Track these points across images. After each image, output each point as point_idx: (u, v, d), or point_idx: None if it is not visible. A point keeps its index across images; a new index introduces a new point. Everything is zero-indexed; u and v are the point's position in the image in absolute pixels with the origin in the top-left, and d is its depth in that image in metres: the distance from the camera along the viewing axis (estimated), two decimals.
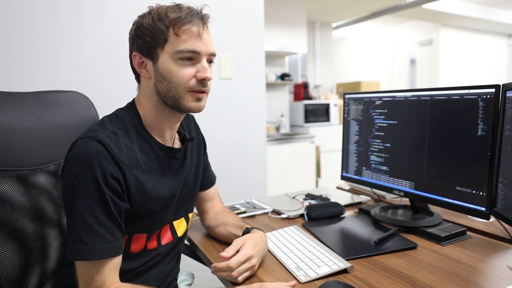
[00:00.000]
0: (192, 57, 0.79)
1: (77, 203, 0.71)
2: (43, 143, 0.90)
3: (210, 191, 1.09)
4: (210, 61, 0.83)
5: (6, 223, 0.79)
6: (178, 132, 0.94)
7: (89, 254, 0.70)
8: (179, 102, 0.80)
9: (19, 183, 0.83)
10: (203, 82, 0.80)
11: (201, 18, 0.80)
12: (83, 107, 1.02)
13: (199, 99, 0.82)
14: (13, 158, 0.82)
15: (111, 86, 1.53)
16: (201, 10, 0.82)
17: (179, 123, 0.90)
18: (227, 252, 0.79)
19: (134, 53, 0.82)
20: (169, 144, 0.88)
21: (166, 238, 0.91)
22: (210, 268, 0.81)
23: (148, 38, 0.79)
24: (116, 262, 0.74)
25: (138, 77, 0.86)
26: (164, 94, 0.80)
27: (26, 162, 0.85)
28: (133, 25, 0.82)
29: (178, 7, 0.80)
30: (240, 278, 0.78)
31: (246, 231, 0.93)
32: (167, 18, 0.78)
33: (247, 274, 0.80)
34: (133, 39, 0.82)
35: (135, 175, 0.78)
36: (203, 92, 0.82)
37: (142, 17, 0.81)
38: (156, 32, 0.78)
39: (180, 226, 0.95)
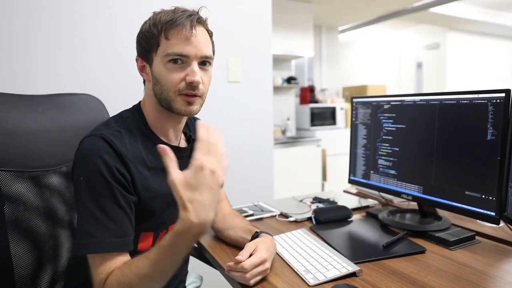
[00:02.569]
0: (181, 60, 0.80)
1: (85, 198, 0.72)
2: (55, 145, 0.91)
3: None
4: (204, 63, 0.83)
5: (20, 223, 0.81)
6: (184, 132, 0.95)
7: (97, 247, 0.70)
8: (170, 105, 0.82)
9: (33, 184, 0.85)
10: (192, 85, 0.80)
11: (191, 21, 0.79)
12: (95, 109, 1.04)
13: (189, 103, 0.82)
14: (27, 159, 0.84)
15: (115, 87, 1.54)
16: (197, 12, 0.83)
17: (183, 124, 0.91)
18: (242, 255, 0.79)
19: (136, 57, 0.86)
20: (174, 144, 0.90)
21: None
22: (225, 268, 0.81)
23: (143, 42, 0.82)
24: (125, 256, 0.74)
25: (143, 80, 0.89)
26: (159, 96, 0.83)
27: (39, 163, 0.87)
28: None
29: (173, 11, 0.81)
30: (252, 281, 0.78)
31: (255, 235, 0.93)
32: (160, 23, 0.79)
33: (259, 277, 0.80)
34: (136, 43, 0.85)
35: (140, 171, 0.80)
36: (194, 95, 0.82)
37: (144, 23, 0.84)
38: (150, 37, 0.80)
39: None
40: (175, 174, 0.63)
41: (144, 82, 0.89)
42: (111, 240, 0.71)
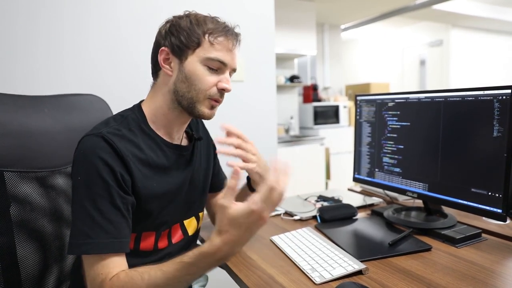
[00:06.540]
0: (218, 67, 0.83)
1: (82, 197, 0.72)
2: (61, 145, 0.92)
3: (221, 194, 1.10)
4: (229, 75, 0.88)
5: (27, 223, 0.81)
6: (186, 131, 0.96)
7: (92, 248, 0.69)
8: (194, 105, 0.83)
9: (39, 184, 0.85)
10: (222, 92, 0.85)
11: (236, 36, 0.86)
12: (100, 110, 1.04)
13: (213, 107, 0.86)
14: (33, 160, 0.84)
15: (119, 87, 1.53)
16: (233, 28, 0.87)
17: (187, 124, 0.92)
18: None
19: (162, 48, 0.83)
20: (176, 143, 0.90)
21: (177, 237, 0.92)
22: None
23: (182, 37, 0.81)
24: (122, 258, 0.73)
25: (156, 73, 0.87)
26: (182, 94, 0.82)
27: (45, 164, 0.87)
28: (167, 22, 0.85)
29: (216, 19, 0.85)
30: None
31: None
32: (205, 25, 0.82)
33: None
34: (166, 35, 0.84)
35: (140, 169, 0.79)
36: (218, 101, 0.86)
37: (179, 17, 0.84)
38: (192, 35, 0.81)
39: (190, 225, 0.96)
40: (230, 203, 0.64)
41: (155, 75, 0.87)
42: (106, 241, 0.70)
